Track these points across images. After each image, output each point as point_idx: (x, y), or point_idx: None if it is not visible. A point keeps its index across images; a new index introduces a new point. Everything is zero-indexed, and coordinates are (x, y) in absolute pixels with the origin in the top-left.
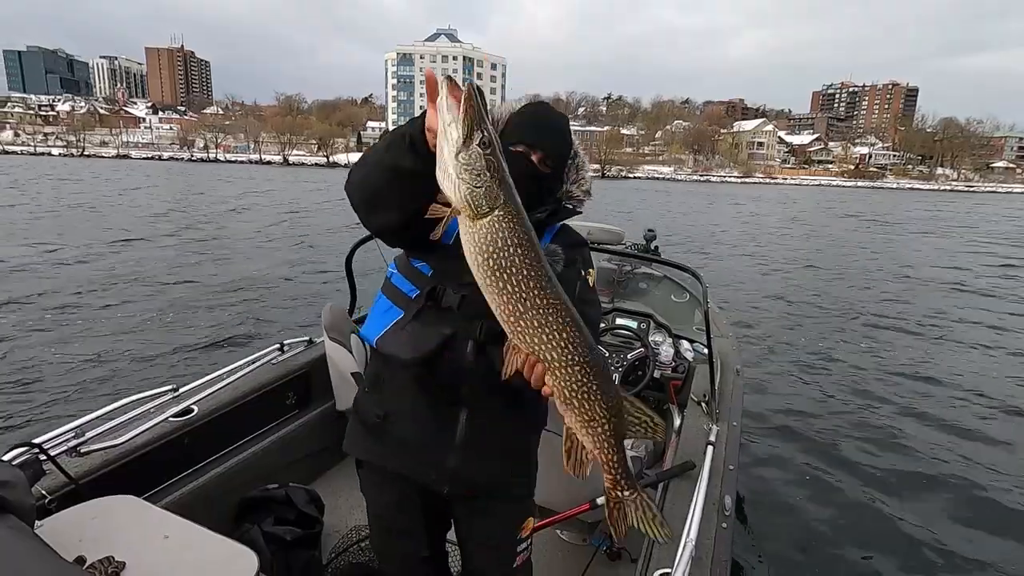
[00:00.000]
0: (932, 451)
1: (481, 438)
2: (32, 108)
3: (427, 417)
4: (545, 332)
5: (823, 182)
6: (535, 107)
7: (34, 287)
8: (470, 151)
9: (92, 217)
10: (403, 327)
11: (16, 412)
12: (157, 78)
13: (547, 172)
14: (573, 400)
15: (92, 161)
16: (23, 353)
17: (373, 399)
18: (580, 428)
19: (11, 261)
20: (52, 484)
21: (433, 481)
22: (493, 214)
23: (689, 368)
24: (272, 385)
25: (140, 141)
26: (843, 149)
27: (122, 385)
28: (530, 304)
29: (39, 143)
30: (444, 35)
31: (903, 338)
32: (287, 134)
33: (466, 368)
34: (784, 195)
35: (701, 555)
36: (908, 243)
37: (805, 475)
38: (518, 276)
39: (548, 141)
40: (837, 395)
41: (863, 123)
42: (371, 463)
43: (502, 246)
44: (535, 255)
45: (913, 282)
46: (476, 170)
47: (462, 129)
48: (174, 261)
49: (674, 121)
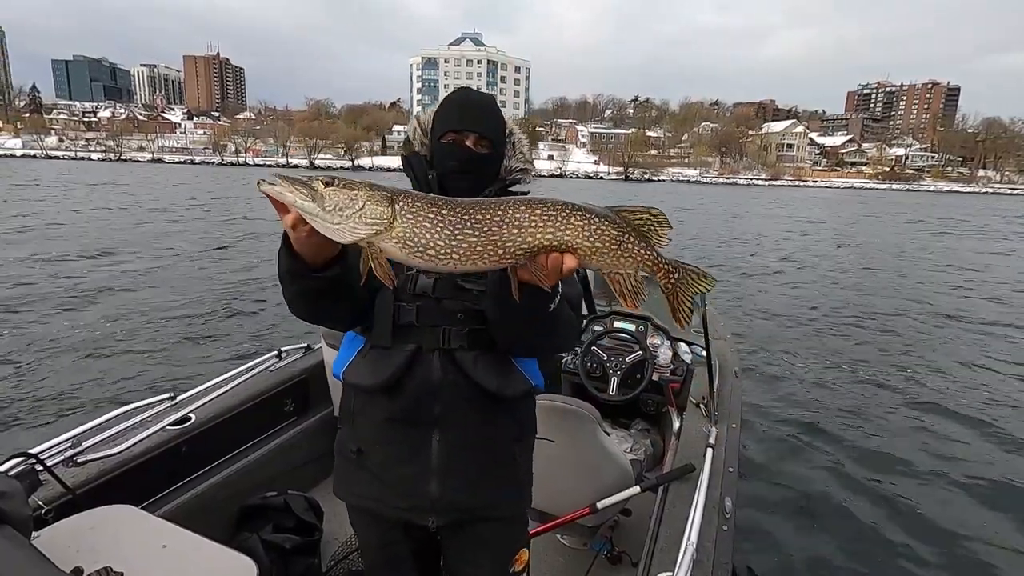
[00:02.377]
0: (934, 453)
1: (459, 458)
2: (76, 115)
3: (399, 444)
4: (529, 226)
5: (855, 184)
6: (455, 93)
7: (26, 295)
8: (324, 192)
9: (96, 223)
10: (365, 354)
11: (12, 422)
12: (194, 85)
13: (486, 153)
14: (597, 245)
15: (127, 165)
16: (18, 362)
17: (347, 433)
18: (615, 260)
19: (6, 269)
20: (49, 494)
21: (416, 515)
22: (396, 206)
23: (688, 371)
24: (270, 392)
25: (174, 146)
26: (878, 150)
27: (119, 394)
28: (500, 218)
29: (80, 148)
30: (469, 39)
31: (908, 340)
32: (314, 138)
33: (436, 382)
34: (811, 197)
35: (702, 558)
36: (932, 244)
37: (805, 476)
38: (473, 217)
39: (478, 120)
40: (838, 396)
41: (900, 124)
42: (352, 504)
43: (435, 213)
44: (456, 200)
45: (927, 283)
46: (345, 197)
47: (299, 191)
48: (174, 268)
49: (701, 123)
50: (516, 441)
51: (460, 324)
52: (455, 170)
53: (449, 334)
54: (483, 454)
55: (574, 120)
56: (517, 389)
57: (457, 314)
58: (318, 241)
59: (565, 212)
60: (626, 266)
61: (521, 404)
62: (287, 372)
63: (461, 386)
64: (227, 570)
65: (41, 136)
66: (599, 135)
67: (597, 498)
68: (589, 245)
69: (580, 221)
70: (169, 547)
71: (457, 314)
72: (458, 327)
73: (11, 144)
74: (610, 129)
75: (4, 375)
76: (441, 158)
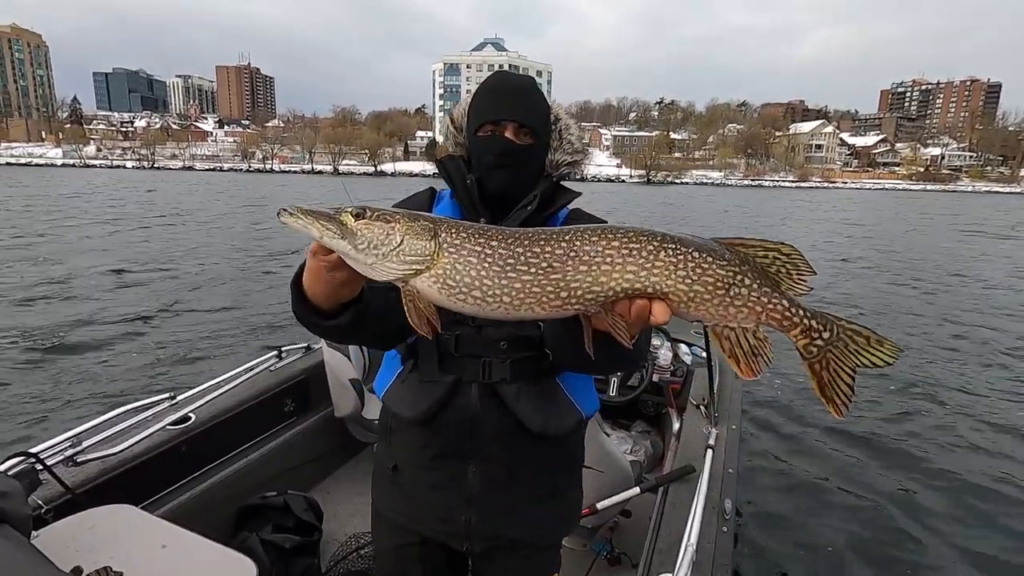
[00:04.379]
0: (936, 455)
1: (498, 490)
2: (114, 125)
3: (436, 472)
4: (603, 263)
5: (888, 185)
6: (491, 78)
7: (27, 296)
8: (355, 227)
9: (106, 226)
10: (404, 380)
11: (12, 422)
12: (226, 94)
13: (530, 144)
14: (696, 288)
15: (160, 172)
16: (18, 362)
17: (385, 448)
18: (722, 309)
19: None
20: (49, 494)
21: (452, 540)
22: (440, 237)
23: (688, 372)
24: (270, 392)
25: (205, 153)
26: (912, 150)
27: (119, 393)
28: (564, 252)
29: (116, 157)
30: (490, 44)
31: (914, 341)
32: (339, 145)
33: (475, 416)
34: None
35: (701, 559)
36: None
37: (806, 477)
38: (529, 250)
39: (516, 107)
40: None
41: (936, 122)
42: (384, 515)
43: (483, 244)
44: (510, 229)
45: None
46: (380, 232)
47: (326, 227)
48: (176, 269)
49: (727, 125)
50: (562, 472)
51: (503, 354)
52: (492, 164)
53: (490, 367)
54: (523, 487)
55: (598, 124)
56: (563, 425)
57: (500, 343)
58: (343, 279)
59: (652, 245)
60: (739, 318)
61: (569, 433)
62: (287, 372)
63: (502, 421)
64: (227, 570)
65: (80, 146)
66: (621, 138)
67: (597, 499)
68: (685, 289)
69: (672, 257)
70: (169, 547)
71: (500, 343)
72: (500, 357)
73: (52, 154)
74: (633, 132)
75: (5, 375)
76: (478, 155)
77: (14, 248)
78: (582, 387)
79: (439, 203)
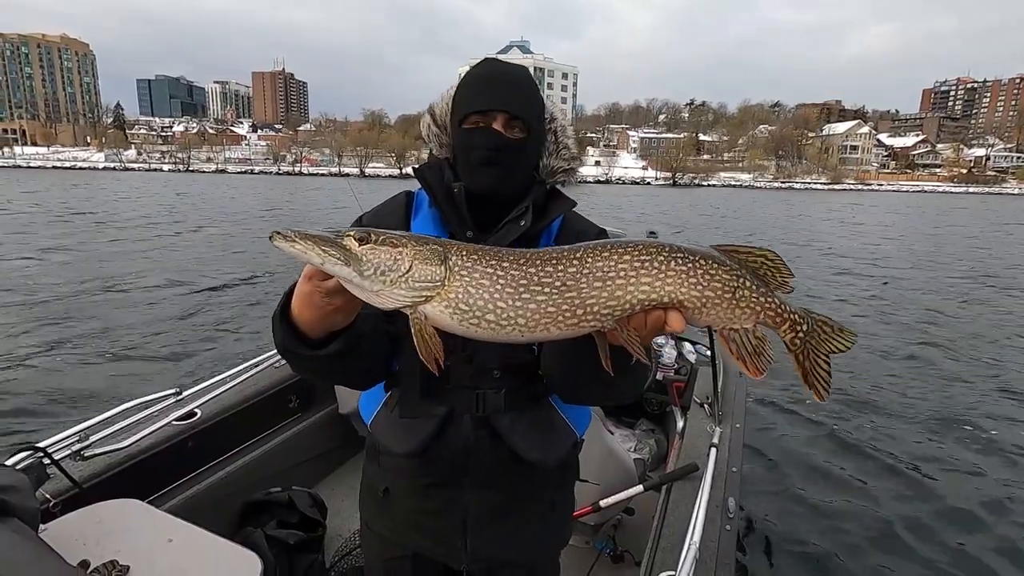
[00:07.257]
0: (938, 456)
1: (493, 515)
2: (155, 130)
3: (429, 499)
4: (617, 278)
5: (927, 188)
6: (477, 66)
7: (34, 291)
8: (359, 252)
9: (127, 225)
10: (392, 410)
11: (20, 416)
12: (261, 99)
13: (521, 138)
14: (707, 294)
15: (192, 175)
16: (26, 358)
17: (374, 470)
18: (730, 312)
19: (8, 265)
20: (56, 488)
21: (449, 560)
22: (450, 262)
23: (692, 370)
24: (275, 388)
25: (238, 156)
26: (954, 151)
27: (126, 389)
28: (577, 269)
29: (154, 161)
30: (516, 47)
31: (920, 344)
32: (367, 148)
33: (468, 447)
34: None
35: (705, 557)
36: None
37: (809, 477)
38: (541, 270)
39: (507, 96)
40: (841, 396)
41: (983, 122)
42: (373, 529)
43: (494, 267)
44: (519, 250)
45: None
46: (387, 257)
47: (328, 252)
48: (180, 267)
49: (759, 126)
50: (557, 490)
51: (496, 383)
52: (479, 160)
53: (484, 399)
54: (520, 510)
55: (627, 125)
56: (559, 453)
57: (493, 371)
58: (338, 305)
59: (662, 256)
60: (743, 319)
61: (561, 454)
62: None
63: (496, 452)
64: (232, 565)
65: (120, 150)
66: (648, 140)
67: (600, 496)
68: (697, 295)
69: (683, 266)
70: (175, 541)
71: (493, 371)
72: (494, 387)
73: (95, 158)
74: (660, 134)
75: (13, 370)
76: (463, 150)
77: (19, 248)
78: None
79: (417, 213)
